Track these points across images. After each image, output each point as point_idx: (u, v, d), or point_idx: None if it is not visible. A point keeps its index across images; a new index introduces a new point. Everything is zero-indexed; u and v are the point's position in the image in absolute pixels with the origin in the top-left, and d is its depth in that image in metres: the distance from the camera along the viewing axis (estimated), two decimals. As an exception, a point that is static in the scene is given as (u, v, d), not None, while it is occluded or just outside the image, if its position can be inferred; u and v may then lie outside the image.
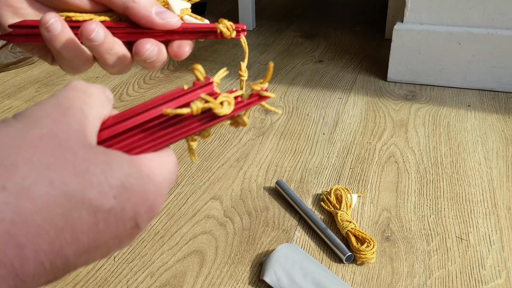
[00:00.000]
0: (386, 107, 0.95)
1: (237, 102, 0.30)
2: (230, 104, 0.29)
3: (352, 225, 0.60)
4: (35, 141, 0.21)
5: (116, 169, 0.23)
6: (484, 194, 0.69)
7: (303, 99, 0.99)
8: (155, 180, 0.25)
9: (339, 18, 1.54)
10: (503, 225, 0.63)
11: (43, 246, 0.20)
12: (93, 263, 0.58)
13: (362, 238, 0.59)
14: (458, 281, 0.55)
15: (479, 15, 0.98)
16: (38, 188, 0.20)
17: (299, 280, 0.52)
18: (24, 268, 0.20)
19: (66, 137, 0.22)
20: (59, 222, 0.21)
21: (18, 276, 0.20)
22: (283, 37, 1.37)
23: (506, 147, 0.80)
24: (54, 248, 0.21)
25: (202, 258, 0.58)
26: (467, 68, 1.01)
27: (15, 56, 1.17)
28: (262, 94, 0.30)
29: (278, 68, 1.16)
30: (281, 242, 0.61)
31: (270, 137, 0.85)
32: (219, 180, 0.73)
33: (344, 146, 0.82)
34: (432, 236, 0.61)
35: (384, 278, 0.55)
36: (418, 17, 1.01)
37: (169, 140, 0.28)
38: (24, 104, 1.00)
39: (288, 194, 0.67)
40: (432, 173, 0.74)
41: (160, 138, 0.28)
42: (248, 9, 1.40)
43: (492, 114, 0.92)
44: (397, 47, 1.04)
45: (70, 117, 0.23)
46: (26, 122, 0.22)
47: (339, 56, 1.23)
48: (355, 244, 0.58)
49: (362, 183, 0.72)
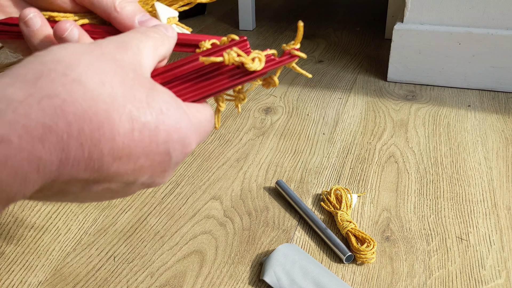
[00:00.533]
0: (386, 107, 0.95)
1: (269, 60, 0.31)
2: (261, 60, 0.30)
3: (352, 225, 0.60)
4: (98, 54, 0.25)
5: (158, 95, 0.26)
6: (484, 194, 0.69)
7: (303, 99, 0.99)
8: (190, 118, 0.28)
9: (339, 18, 1.54)
10: (503, 225, 0.63)
11: (85, 129, 0.23)
12: (93, 263, 0.58)
13: (362, 238, 0.59)
14: (458, 281, 0.55)
15: (479, 15, 0.98)
16: (90, 82, 0.23)
17: (299, 280, 0.52)
18: (70, 144, 0.22)
19: (121, 59, 0.26)
20: (101, 117, 0.23)
21: (64, 151, 0.22)
22: (283, 37, 1.37)
23: (506, 147, 0.80)
24: (93, 136, 0.23)
25: (202, 258, 0.58)
26: (467, 68, 1.01)
27: (15, 56, 1.17)
28: (293, 53, 0.31)
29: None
30: (281, 242, 0.61)
31: (270, 137, 0.85)
32: (219, 180, 0.73)
33: (344, 146, 0.82)
34: (432, 236, 0.61)
35: (384, 278, 0.55)
36: (418, 17, 1.01)
37: (206, 91, 0.30)
38: (24, 104, 1.00)
39: (288, 194, 0.67)
40: (432, 173, 0.74)
41: (198, 90, 0.30)
42: (248, 9, 1.40)
43: (492, 114, 0.92)
44: (397, 47, 1.04)
45: (127, 48, 0.27)
46: (91, 44, 0.26)
47: (339, 56, 1.23)
48: (355, 244, 0.58)
49: (362, 183, 0.72)
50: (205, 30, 1.42)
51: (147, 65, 0.28)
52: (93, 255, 0.60)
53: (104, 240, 0.62)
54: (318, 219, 0.62)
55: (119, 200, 0.69)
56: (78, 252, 0.60)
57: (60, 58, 0.24)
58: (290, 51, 0.31)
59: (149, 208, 0.67)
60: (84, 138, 0.23)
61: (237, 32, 1.41)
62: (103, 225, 0.65)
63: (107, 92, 0.24)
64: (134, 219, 0.65)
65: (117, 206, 0.68)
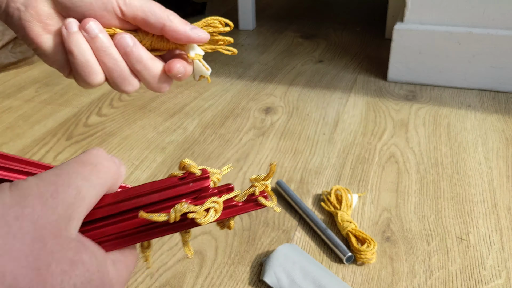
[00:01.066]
0: (386, 107, 0.95)
1: (228, 206, 0.26)
2: (217, 211, 0.25)
3: (353, 225, 0.60)
4: (12, 220, 0.21)
5: (79, 270, 0.22)
6: (484, 194, 0.69)
7: (303, 99, 0.99)
8: (118, 279, 0.25)
9: (339, 18, 1.54)
10: (503, 225, 0.63)
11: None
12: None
13: (362, 238, 0.58)
14: (458, 281, 0.55)
15: (479, 15, 0.97)
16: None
17: (299, 281, 0.52)
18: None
19: (43, 223, 0.22)
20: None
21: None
22: (283, 37, 1.37)
23: (506, 147, 0.80)
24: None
25: (202, 259, 0.58)
26: (467, 68, 1.01)
27: (15, 56, 1.17)
28: (260, 202, 0.26)
29: (278, 68, 1.16)
30: (281, 242, 0.61)
31: (270, 137, 0.85)
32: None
33: (345, 146, 0.82)
34: (432, 236, 0.61)
35: (384, 279, 0.55)
36: (418, 17, 1.01)
37: (143, 238, 0.26)
38: (24, 104, 1.00)
39: (289, 194, 0.67)
40: (432, 173, 0.74)
41: (137, 235, 0.26)
42: (248, 9, 1.40)
43: (492, 114, 0.92)
44: (397, 47, 1.03)
45: (59, 199, 0.23)
46: (15, 196, 0.22)
47: (339, 56, 1.23)
48: (355, 245, 0.57)
49: (362, 183, 0.72)
50: (205, 30, 1.41)
51: (81, 214, 0.24)
52: (93, 255, 0.59)
53: (104, 240, 0.62)
54: (318, 219, 0.62)
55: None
56: (78, 252, 0.60)
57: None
58: (257, 199, 0.26)
59: (149, 208, 0.67)
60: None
61: (237, 32, 1.41)
62: (103, 225, 0.64)
63: (6, 286, 0.20)
64: (134, 219, 0.65)
65: (117, 206, 0.68)
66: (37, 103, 1.00)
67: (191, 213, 0.25)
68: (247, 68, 1.16)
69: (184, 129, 0.89)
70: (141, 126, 0.90)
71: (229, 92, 1.04)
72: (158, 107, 0.97)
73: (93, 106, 0.99)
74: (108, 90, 1.05)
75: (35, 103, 1.00)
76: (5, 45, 1.16)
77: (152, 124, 0.91)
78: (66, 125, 0.91)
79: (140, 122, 0.92)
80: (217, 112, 0.95)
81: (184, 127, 0.89)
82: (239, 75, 1.12)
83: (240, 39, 1.35)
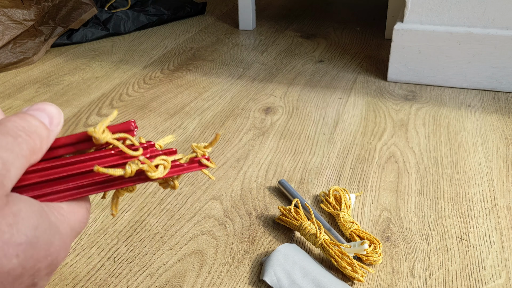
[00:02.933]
0: (386, 107, 0.95)
1: (174, 166, 0.28)
2: (166, 168, 0.27)
3: (355, 225, 0.60)
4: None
5: (24, 221, 0.22)
6: (484, 194, 0.69)
7: (303, 99, 0.99)
8: (62, 231, 0.25)
9: (339, 18, 1.54)
10: (503, 225, 0.63)
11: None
12: (93, 263, 0.58)
13: (367, 239, 0.58)
14: (458, 281, 0.55)
15: (479, 15, 0.98)
16: None
17: (299, 281, 0.52)
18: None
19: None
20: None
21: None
22: (283, 37, 1.37)
23: (506, 147, 0.80)
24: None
25: (202, 258, 0.58)
26: (467, 68, 1.01)
27: (15, 56, 1.17)
28: (202, 162, 0.29)
29: (278, 68, 1.16)
30: (281, 242, 0.61)
31: (270, 137, 0.85)
32: (219, 180, 0.73)
33: (344, 146, 0.82)
34: (432, 236, 0.61)
35: (384, 278, 0.55)
36: (418, 17, 1.01)
37: (90, 192, 0.27)
38: (24, 104, 1.00)
39: (291, 193, 0.67)
40: (432, 173, 0.74)
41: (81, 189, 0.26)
42: (248, 9, 1.40)
43: (492, 114, 0.92)
44: (397, 47, 1.04)
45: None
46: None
47: (339, 56, 1.23)
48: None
49: (362, 183, 0.72)
50: (205, 30, 1.41)
51: (12, 178, 0.23)
52: (93, 255, 0.60)
53: (104, 240, 0.62)
54: (323, 220, 0.62)
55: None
56: (78, 252, 0.60)
57: None
58: (200, 160, 0.29)
59: (149, 208, 0.67)
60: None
61: (237, 32, 1.41)
62: (103, 225, 0.65)
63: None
64: (134, 219, 0.65)
65: (117, 206, 0.68)
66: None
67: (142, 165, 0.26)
68: (247, 68, 1.16)
69: (184, 129, 0.89)
70: (141, 126, 0.90)
71: (229, 92, 1.04)
72: (158, 107, 0.97)
73: (93, 106, 0.99)
74: (108, 90, 1.05)
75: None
76: (5, 45, 1.15)
77: (152, 124, 0.91)
78: (66, 125, 0.91)
79: (140, 122, 0.92)
80: (217, 112, 0.95)
81: (184, 127, 0.89)
82: (239, 75, 1.12)
83: (240, 39, 1.35)
